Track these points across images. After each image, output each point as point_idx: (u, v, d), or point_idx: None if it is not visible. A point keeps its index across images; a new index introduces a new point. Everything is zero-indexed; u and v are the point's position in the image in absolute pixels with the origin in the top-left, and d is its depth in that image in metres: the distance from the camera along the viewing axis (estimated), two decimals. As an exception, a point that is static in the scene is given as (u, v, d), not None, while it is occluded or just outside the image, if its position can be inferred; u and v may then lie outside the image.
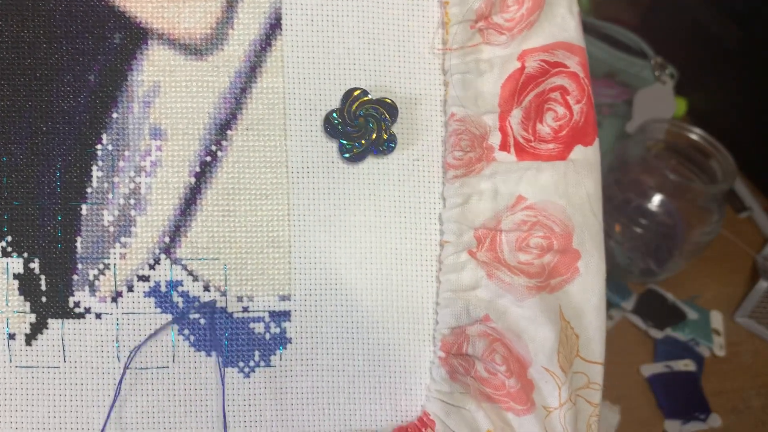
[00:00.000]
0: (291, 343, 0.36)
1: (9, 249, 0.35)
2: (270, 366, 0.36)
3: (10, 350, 0.35)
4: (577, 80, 0.36)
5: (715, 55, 0.79)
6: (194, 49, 0.36)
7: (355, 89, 0.35)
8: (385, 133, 0.36)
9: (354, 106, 0.35)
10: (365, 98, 0.35)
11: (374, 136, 0.35)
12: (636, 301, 0.68)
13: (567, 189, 0.36)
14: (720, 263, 0.71)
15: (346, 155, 0.36)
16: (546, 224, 0.35)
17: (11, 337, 0.35)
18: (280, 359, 0.36)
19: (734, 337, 0.67)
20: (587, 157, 0.36)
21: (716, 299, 0.69)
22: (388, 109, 0.36)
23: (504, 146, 0.36)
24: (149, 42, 0.36)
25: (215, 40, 0.36)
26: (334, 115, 0.35)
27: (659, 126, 0.71)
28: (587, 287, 0.36)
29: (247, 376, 0.36)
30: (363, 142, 0.36)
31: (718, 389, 0.62)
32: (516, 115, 0.35)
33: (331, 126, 0.36)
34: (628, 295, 0.68)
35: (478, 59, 0.36)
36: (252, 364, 0.36)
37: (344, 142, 0.36)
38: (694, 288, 0.70)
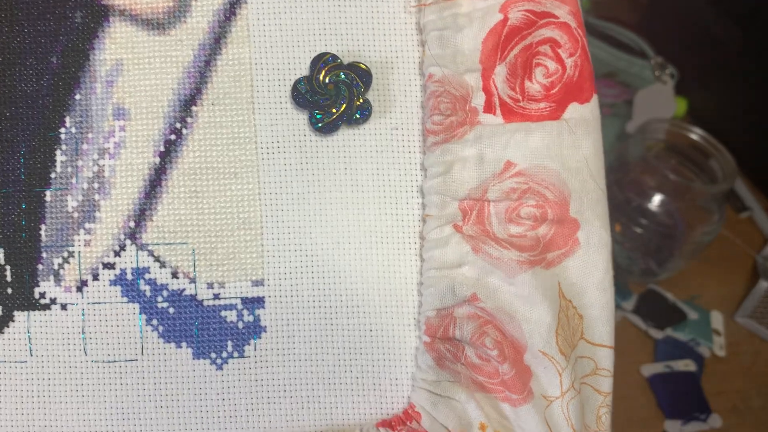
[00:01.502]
0: (266, 331, 0.32)
1: (-22, 241, 0.33)
2: (244, 357, 0.32)
3: (-20, 345, 0.33)
4: (569, 31, 0.31)
5: (715, 55, 0.75)
6: (156, 24, 0.33)
7: (324, 54, 0.31)
8: (358, 100, 0.31)
9: (323, 73, 0.31)
10: (335, 63, 0.31)
11: (346, 104, 0.31)
12: (636, 301, 0.64)
13: (561, 151, 0.31)
14: (720, 263, 0.68)
15: (318, 125, 0.32)
16: (538, 191, 0.30)
17: (-18, 331, 0.33)
18: (255, 349, 0.32)
19: (734, 338, 0.64)
20: (584, 115, 0.31)
21: (716, 299, 0.66)
22: (361, 75, 0.31)
23: (489, 108, 0.31)
24: (110, 19, 0.33)
25: (178, 12, 0.33)
26: (302, 83, 0.32)
27: (659, 126, 0.68)
28: (589, 261, 0.31)
29: (220, 368, 0.32)
30: (334, 111, 0.32)
31: (718, 389, 0.60)
32: (500, 73, 0.31)
33: (299, 95, 0.32)
34: (628, 295, 0.65)
35: (456, 14, 0.31)
36: (225, 355, 0.32)
37: (315, 112, 0.32)
38: (694, 288, 0.67)
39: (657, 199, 0.63)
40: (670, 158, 0.67)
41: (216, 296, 0.32)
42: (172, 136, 0.32)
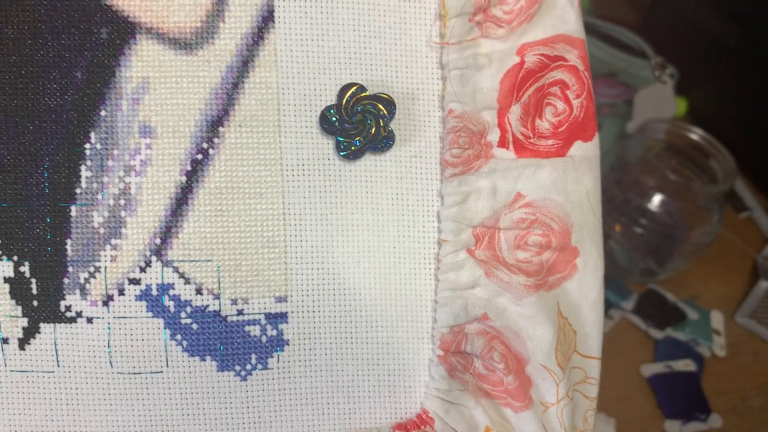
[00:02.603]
0: (288, 344, 0.33)
1: (-2, 252, 0.33)
2: (267, 369, 0.33)
3: (4, 354, 0.33)
4: (577, 74, 0.33)
5: (715, 55, 0.75)
6: (184, 44, 0.33)
7: (353, 84, 0.32)
8: (384, 130, 0.33)
9: (352, 102, 0.33)
10: (363, 94, 0.33)
11: (373, 132, 0.33)
12: (636, 301, 0.64)
13: (566, 186, 0.33)
14: (720, 263, 0.67)
15: (343, 153, 0.33)
16: (545, 222, 0.33)
17: (5, 341, 0.33)
18: (278, 361, 0.33)
19: (734, 338, 0.63)
20: (586, 153, 0.34)
21: (716, 299, 0.65)
22: (386, 105, 0.33)
23: (503, 143, 0.33)
24: (137, 36, 0.33)
25: (205, 33, 0.33)
26: (332, 111, 0.33)
27: (659, 126, 0.66)
28: (585, 284, 0.34)
29: (244, 379, 0.33)
30: (360, 139, 0.33)
31: (718, 389, 0.59)
32: (515, 111, 0.33)
33: (328, 123, 0.33)
34: (628, 295, 0.64)
35: (477, 53, 0.33)
36: (249, 367, 0.33)
37: (341, 139, 0.33)
38: (694, 288, 0.66)
39: (657, 199, 0.61)
40: (670, 158, 0.65)
41: (240, 312, 0.33)
42: (199, 156, 0.33)
